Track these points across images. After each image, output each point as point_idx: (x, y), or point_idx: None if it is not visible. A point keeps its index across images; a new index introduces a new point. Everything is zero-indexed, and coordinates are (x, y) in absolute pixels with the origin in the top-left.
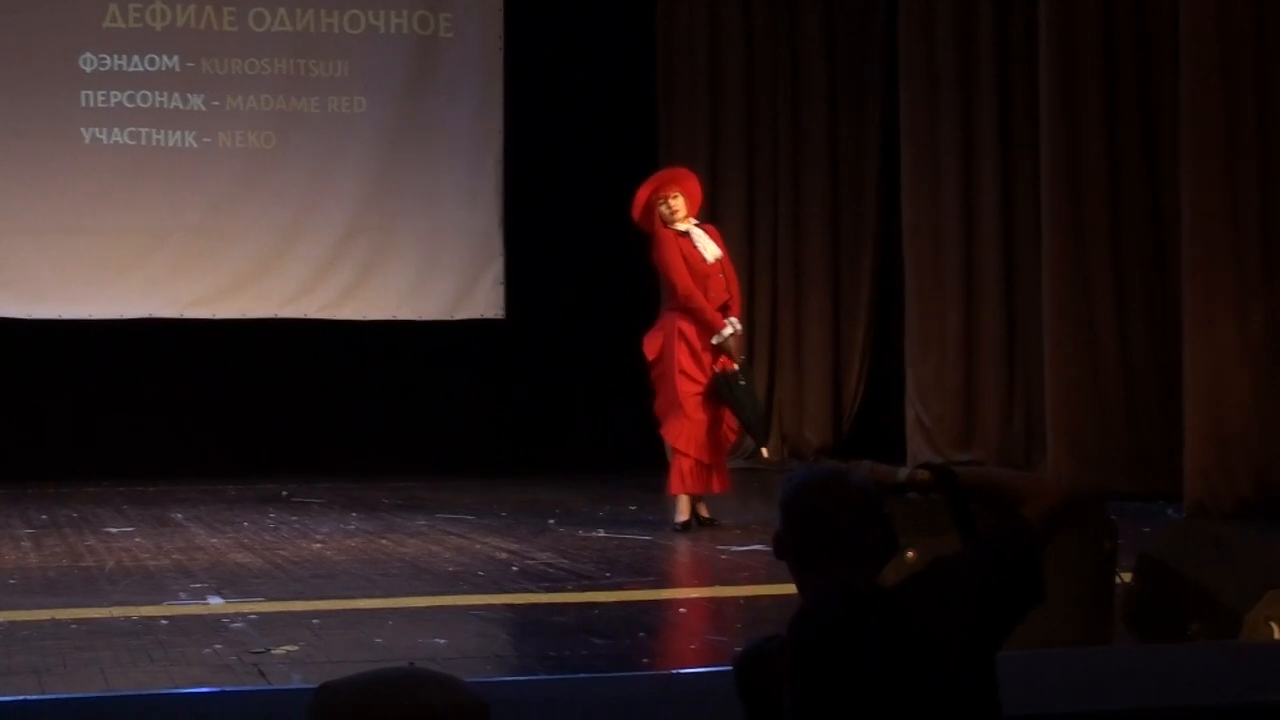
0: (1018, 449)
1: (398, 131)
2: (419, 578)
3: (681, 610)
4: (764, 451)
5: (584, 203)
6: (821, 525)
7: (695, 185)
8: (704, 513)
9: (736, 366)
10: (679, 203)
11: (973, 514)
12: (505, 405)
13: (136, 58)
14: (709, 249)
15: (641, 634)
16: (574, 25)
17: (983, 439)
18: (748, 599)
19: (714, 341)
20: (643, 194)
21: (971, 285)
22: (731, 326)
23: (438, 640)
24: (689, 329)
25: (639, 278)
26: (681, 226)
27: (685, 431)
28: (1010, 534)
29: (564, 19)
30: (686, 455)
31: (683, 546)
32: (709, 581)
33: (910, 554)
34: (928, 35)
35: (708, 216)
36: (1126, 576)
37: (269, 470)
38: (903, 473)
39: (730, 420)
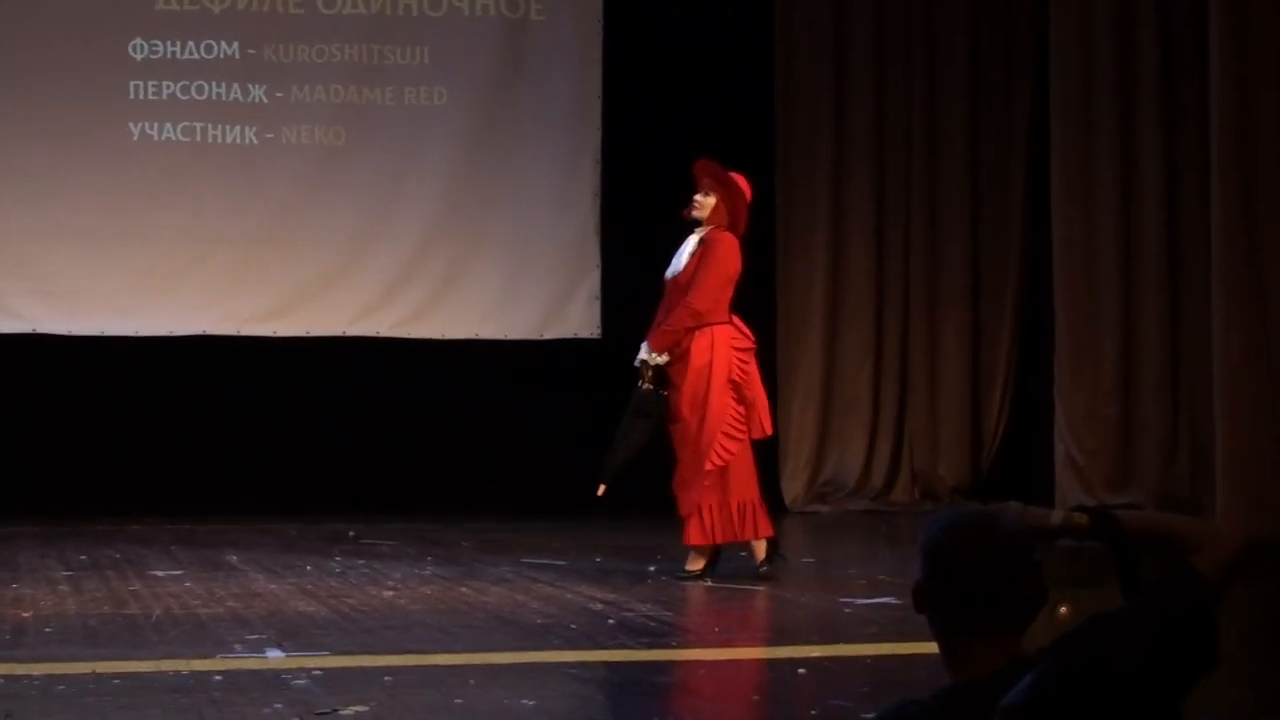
0: (1182, 490)
1: (482, 127)
2: (503, 630)
3: (800, 671)
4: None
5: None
6: (971, 575)
7: (729, 190)
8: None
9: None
10: (705, 203)
11: (1136, 564)
12: (600, 436)
13: (192, 44)
14: (682, 259)
15: (755, 697)
16: (682, 8)
17: (1142, 479)
18: (874, 658)
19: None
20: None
21: (1130, 305)
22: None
23: (525, 701)
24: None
25: (751, 292)
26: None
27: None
28: (1181, 588)
29: (671, 1)
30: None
31: (801, 599)
32: (830, 638)
33: (1064, 609)
34: (1081, 30)
35: (827, 228)
36: None
37: (335, 508)
38: (1056, 516)
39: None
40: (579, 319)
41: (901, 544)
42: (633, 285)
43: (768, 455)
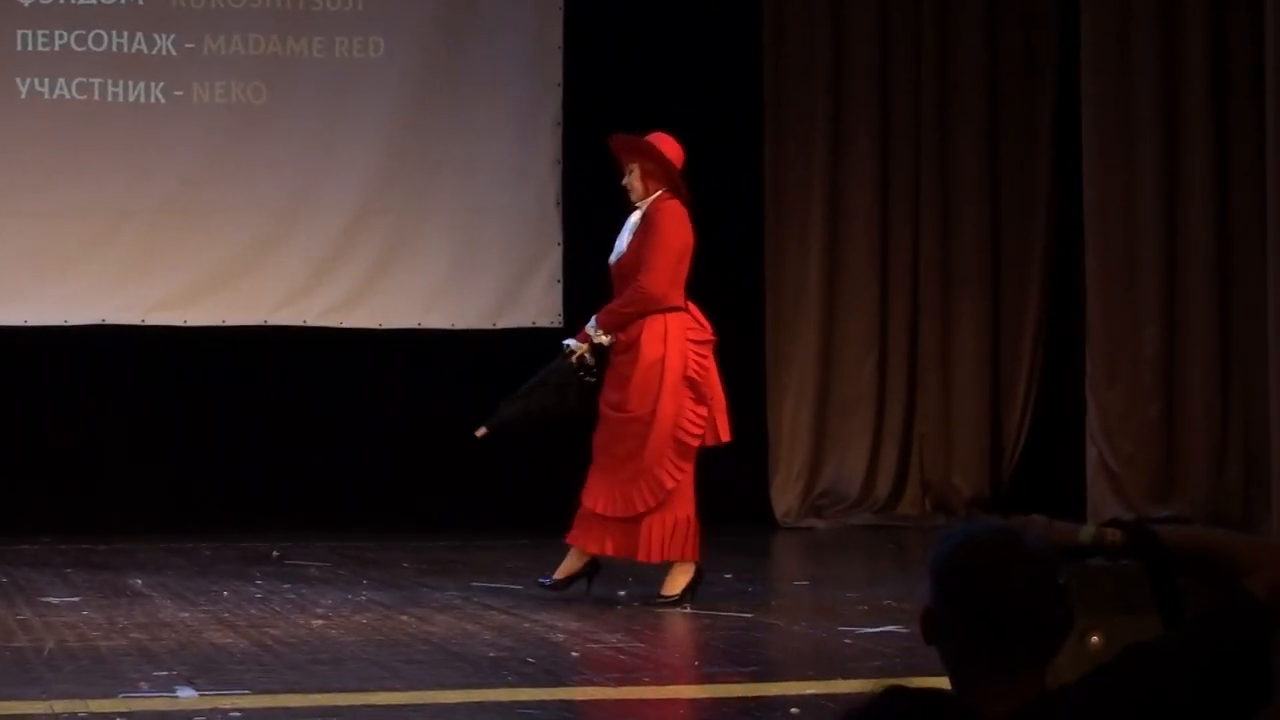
0: (1233, 502)
1: (425, 84)
2: (450, 665)
3: (793, 710)
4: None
5: None
6: (988, 600)
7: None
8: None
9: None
10: (632, 180)
11: (1179, 587)
12: (561, 441)
13: None
14: (623, 241)
15: None
16: None
17: (1187, 488)
18: None
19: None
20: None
21: (1177, 284)
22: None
23: None
24: None
25: (737, 273)
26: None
27: None
28: (1231, 613)
29: None
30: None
31: (795, 627)
32: (829, 673)
33: (1095, 638)
34: None
35: (823, 196)
36: None
37: (254, 525)
38: (1086, 532)
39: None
40: (538, 305)
41: (909, 564)
42: (599, 266)
43: (755, 463)
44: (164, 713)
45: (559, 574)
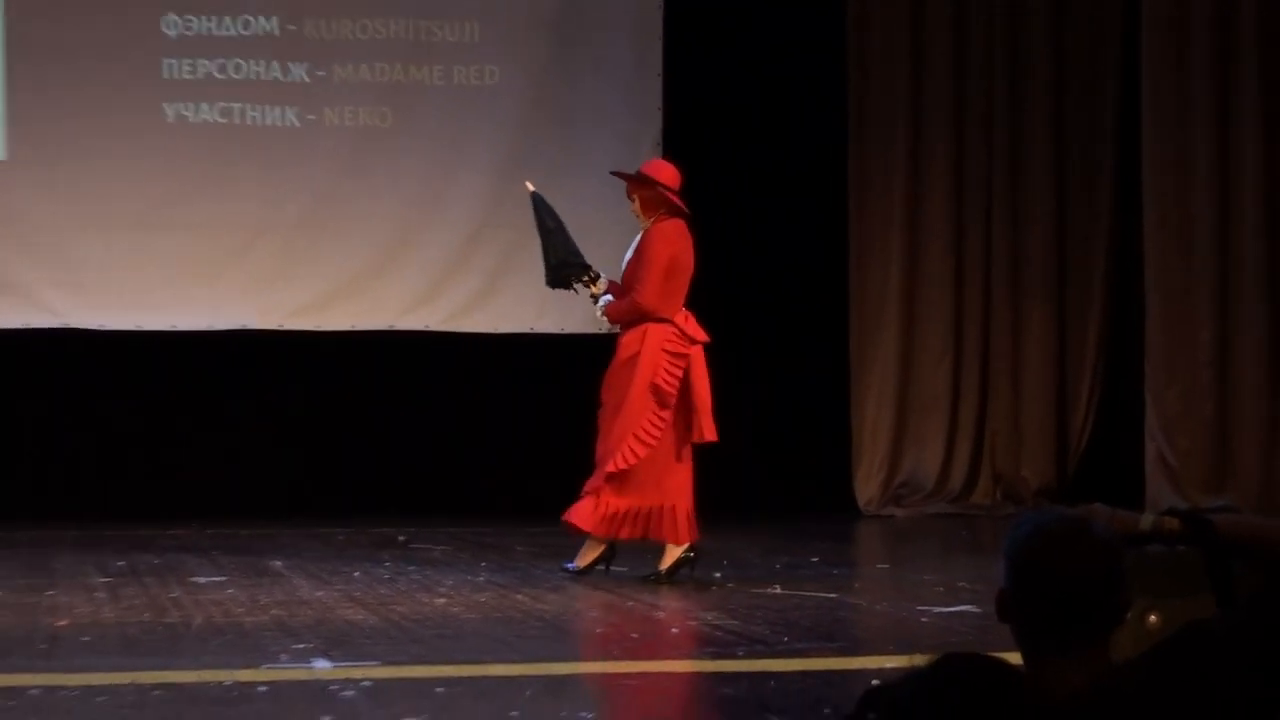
0: None
1: (536, 107)
2: (561, 640)
3: (875, 683)
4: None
5: (759, 194)
6: (1059, 584)
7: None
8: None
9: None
10: (634, 208)
11: (1232, 572)
12: None
13: (228, 19)
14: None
15: (826, 711)
16: None
17: (1239, 481)
18: None
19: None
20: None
21: (1228, 293)
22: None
23: (583, 714)
24: None
25: (824, 284)
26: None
27: None
28: None
29: None
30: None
31: (876, 607)
32: (907, 648)
33: (1153, 617)
34: (1177, 4)
35: (906, 210)
36: None
37: (384, 511)
38: (1146, 520)
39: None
40: None
41: (982, 549)
42: (695, 277)
43: (840, 456)
44: (302, 682)
45: (580, 562)
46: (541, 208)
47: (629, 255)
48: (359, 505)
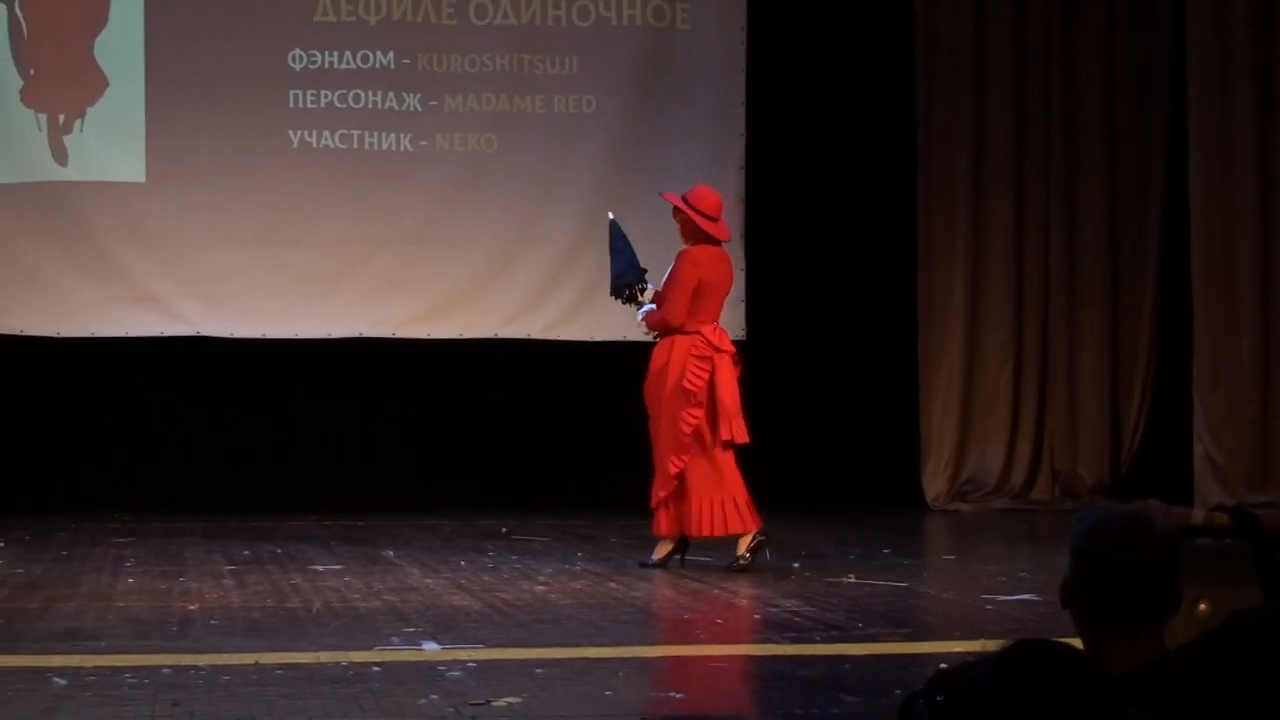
0: None
1: (629, 134)
2: (651, 625)
3: (943, 666)
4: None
5: (835, 214)
6: (1122, 574)
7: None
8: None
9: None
10: (677, 230)
11: (1276, 563)
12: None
13: (349, 54)
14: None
15: (898, 692)
16: (824, 16)
17: None
18: None
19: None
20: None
21: (1270, 301)
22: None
23: (672, 694)
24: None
25: (893, 295)
26: None
27: None
28: None
29: (813, 9)
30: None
31: (942, 596)
32: (973, 634)
33: (1203, 606)
34: (1220, 22)
35: (967, 230)
36: None
37: (488, 505)
38: (1197, 515)
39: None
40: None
41: (1042, 542)
42: (777, 289)
43: (909, 455)
44: (412, 663)
45: (656, 556)
46: (614, 231)
47: (668, 272)
48: (466, 499)
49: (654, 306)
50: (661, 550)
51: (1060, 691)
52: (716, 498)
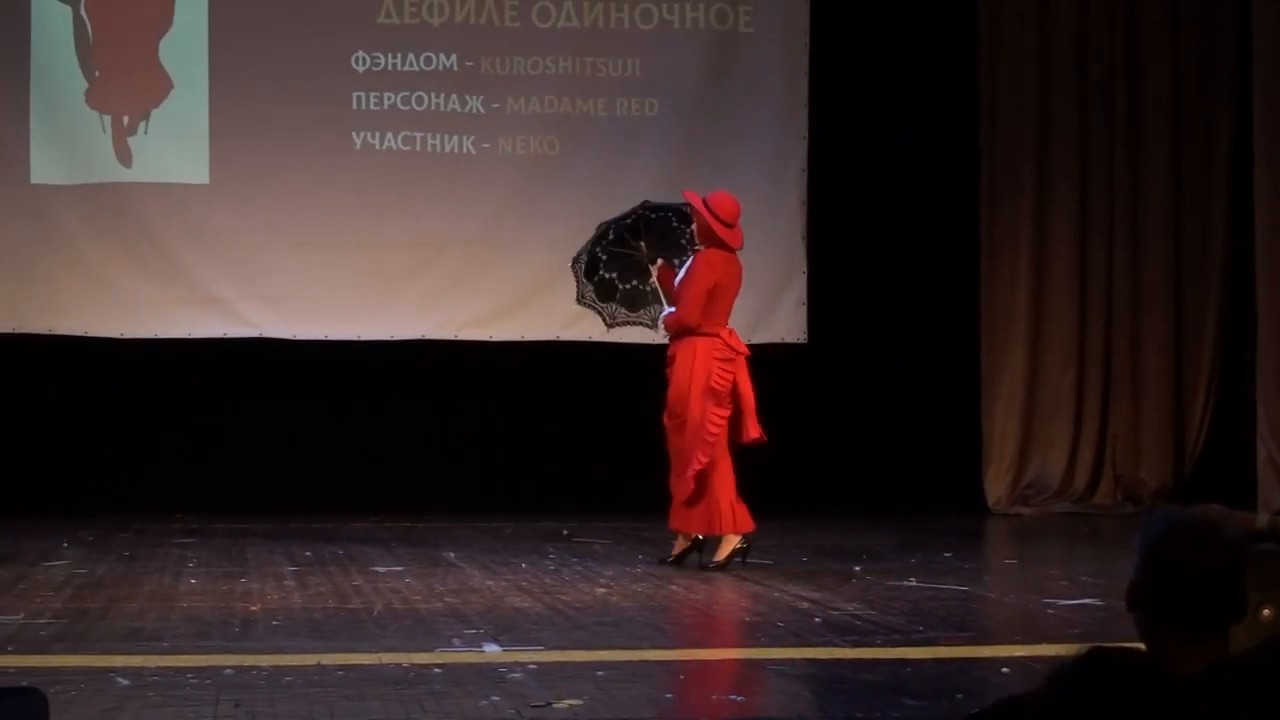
0: None
1: (692, 136)
2: (712, 628)
3: (1004, 670)
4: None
5: (897, 216)
6: (1190, 579)
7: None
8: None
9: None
10: (694, 233)
11: None
12: (807, 438)
13: (412, 56)
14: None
15: (959, 695)
16: (887, 19)
17: None
18: None
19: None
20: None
21: None
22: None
23: (733, 697)
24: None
25: (956, 298)
26: None
27: None
28: None
29: (876, 11)
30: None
31: (1005, 599)
32: (1034, 638)
33: (1267, 611)
34: None
35: (1030, 234)
36: None
37: (548, 507)
38: (1261, 520)
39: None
40: (786, 324)
41: (1104, 546)
42: (839, 291)
43: (971, 459)
44: (473, 664)
45: (674, 553)
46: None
47: (681, 273)
48: (526, 501)
49: (671, 309)
50: (723, 549)
51: (1135, 696)
52: (733, 495)
